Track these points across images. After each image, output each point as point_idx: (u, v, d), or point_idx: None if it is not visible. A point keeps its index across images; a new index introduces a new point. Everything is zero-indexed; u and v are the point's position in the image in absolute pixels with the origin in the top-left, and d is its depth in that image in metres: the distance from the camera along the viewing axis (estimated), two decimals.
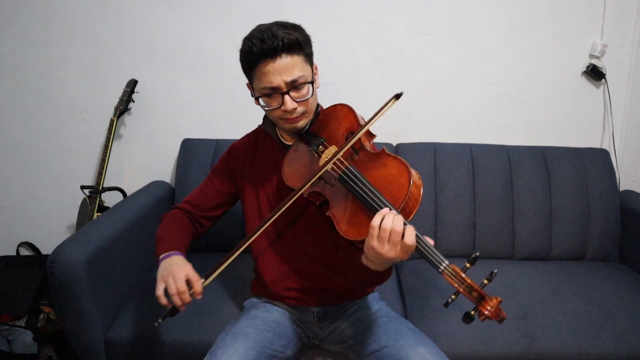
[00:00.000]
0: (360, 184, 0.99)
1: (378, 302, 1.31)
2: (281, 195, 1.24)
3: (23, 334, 1.74)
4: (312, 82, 1.13)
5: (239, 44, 1.94)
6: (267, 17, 1.93)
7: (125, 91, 1.94)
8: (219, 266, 1.07)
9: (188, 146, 1.94)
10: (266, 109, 1.15)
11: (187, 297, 1.05)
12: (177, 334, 1.36)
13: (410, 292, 1.58)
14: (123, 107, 1.93)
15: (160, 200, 1.83)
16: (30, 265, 1.99)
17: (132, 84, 1.94)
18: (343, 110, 1.18)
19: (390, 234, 0.88)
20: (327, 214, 1.03)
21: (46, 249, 2.13)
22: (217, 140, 1.94)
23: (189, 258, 1.18)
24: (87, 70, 2.00)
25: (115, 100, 1.96)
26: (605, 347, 1.35)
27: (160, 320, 1.07)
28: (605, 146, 2.03)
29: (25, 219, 2.15)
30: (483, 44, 1.97)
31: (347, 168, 1.04)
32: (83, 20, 1.96)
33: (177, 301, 1.04)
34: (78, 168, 2.09)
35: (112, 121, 1.93)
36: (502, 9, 1.94)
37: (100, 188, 1.92)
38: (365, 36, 1.96)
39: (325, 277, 1.25)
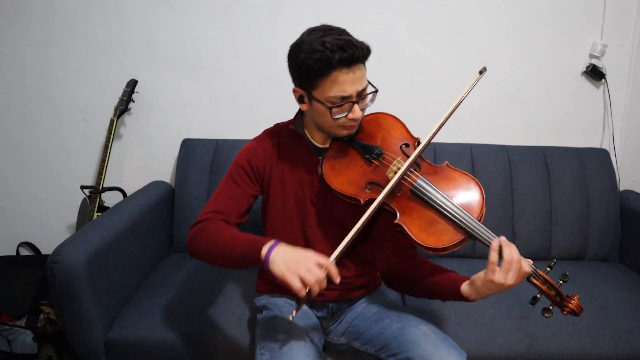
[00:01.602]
0: (437, 195, 1.08)
1: (383, 294, 1.36)
2: (313, 200, 1.23)
3: (23, 334, 1.74)
4: (376, 92, 1.15)
5: (239, 44, 1.97)
6: (267, 17, 1.95)
7: (125, 91, 1.94)
8: (344, 246, 1.05)
9: (188, 146, 1.94)
10: (335, 117, 1.11)
11: (325, 283, 0.99)
12: (177, 334, 1.36)
13: None
14: (123, 107, 1.93)
15: (160, 200, 1.83)
16: (30, 265, 1.99)
17: (132, 84, 1.94)
18: (389, 120, 1.23)
19: (512, 264, 0.97)
20: (395, 222, 1.08)
21: (46, 249, 2.13)
22: (217, 140, 1.94)
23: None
24: (87, 70, 2.00)
25: (115, 100, 1.96)
26: (605, 347, 1.35)
27: (295, 314, 1.02)
28: (605, 146, 2.03)
29: (25, 219, 2.15)
30: (483, 44, 1.97)
31: (420, 179, 1.10)
32: (83, 20, 1.96)
33: (317, 290, 0.98)
34: (78, 168, 2.09)
35: (112, 121, 1.93)
36: (502, 9, 1.94)
37: (100, 188, 1.92)
38: (365, 36, 1.94)
39: (350, 275, 1.26)
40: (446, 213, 1.06)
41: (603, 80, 1.97)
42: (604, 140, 2.05)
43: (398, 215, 1.09)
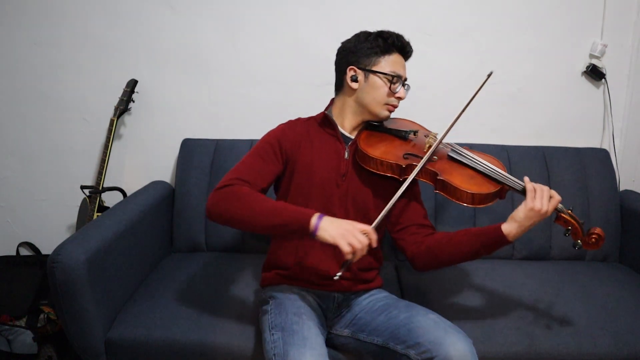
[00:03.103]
0: (472, 156, 1.28)
1: (386, 291, 1.40)
2: (338, 183, 1.32)
3: (23, 334, 1.74)
4: (409, 88, 1.37)
5: (239, 44, 1.98)
6: (267, 17, 1.95)
7: (125, 91, 1.94)
8: (384, 213, 1.18)
9: (188, 146, 1.94)
10: (391, 90, 1.30)
11: (365, 250, 1.11)
12: (177, 334, 1.36)
13: (410, 291, 1.58)
14: (123, 107, 1.93)
15: (160, 200, 1.83)
16: (30, 265, 1.99)
17: (132, 84, 1.94)
18: (408, 121, 1.45)
19: (544, 192, 1.16)
20: (439, 178, 1.23)
21: (46, 249, 2.13)
22: (217, 140, 1.94)
23: (191, 257, 1.17)
24: (87, 70, 2.00)
25: (115, 100, 1.96)
26: (605, 347, 1.35)
27: (340, 274, 1.12)
28: (605, 146, 2.03)
29: (25, 219, 2.15)
30: (483, 44, 1.97)
31: (455, 147, 1.32)
32: (83, 20, 1.96)
33: (360, 254, 1.11)
34: (78, 168, 2.09)
35: (112, 121, 1.93)
36: (502, 9, 1.94)
37: (100, 188, 1.92)
38: None
39: (358, 266, 1.32)
40: (482, 169, 1.25)
41: (603, 80, 1.97)
42: (604, 140, 2.05)
43: (439, 174, 1.23)
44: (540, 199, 1.15)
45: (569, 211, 1.23)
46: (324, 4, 1.94)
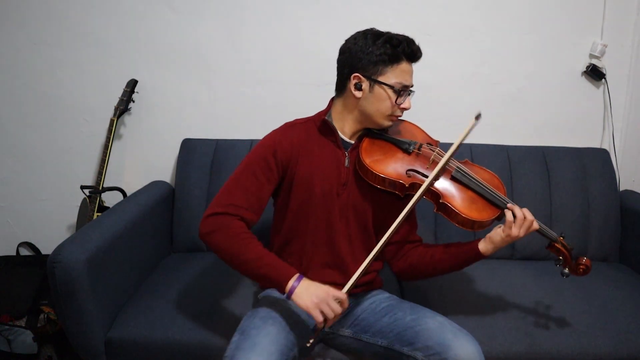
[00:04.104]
0: (475, 179, 1.25)
1: (386, 292, 1.39)
2: (339, 192, 1.27)
3: (23, 334, 1.74)
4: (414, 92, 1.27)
5: (239, 44, 1.98)
6: (268, 17, 1.95)
7: (125, 91, 1.94)
8: (355, 279, 1.15)
9: (188, 146, 1.94)
10: (397, 102, 1.21)
11: (339, 316, 1.12)
12: (177, 334, 1.36)
13: (410, 292, 1.58)
14: (123, 107, 1.93)
15: (160, 200, 1.83)
16: (30, 265, 1.99)
17: (132, 84, 1.94)
18: (409, 124, 1.39)
19: (525, 222, 1.18)
20: (440, 201, 1.21)
21: (46, 249, 2.13)
22: (217, 140, 1.94)
23: (191, 257, 1.17)
24: (87, 70, 2.00)
25: (115, 100, 1.96)
26: (605, 347, 1.35)
27: (312, 341, 1.15)
28: (605, 146, 2.03)
29: (25, 219, 2.15)
30: (483, 44, 1.97)
31: (459, 166, 1.27)
32: (83, 20, 1.96)
33: (332, 321, 1.11)
34: (78, 168, 2.09)
35: (112, 121, 1.93)
36: (502, 9, 1.94)
37: (100, 188, 1.92)
38: None
39: (357, 266, 1.30)
40: (483, 193, 1.23)
41: (603, 80, 1.97)
42: (604, 140, 2.05)
43: (441, 196, 1.21)
44: (519, 227, 1.19)
45: (561, 238, 1.28)
46: (324, 4, 1.94)
